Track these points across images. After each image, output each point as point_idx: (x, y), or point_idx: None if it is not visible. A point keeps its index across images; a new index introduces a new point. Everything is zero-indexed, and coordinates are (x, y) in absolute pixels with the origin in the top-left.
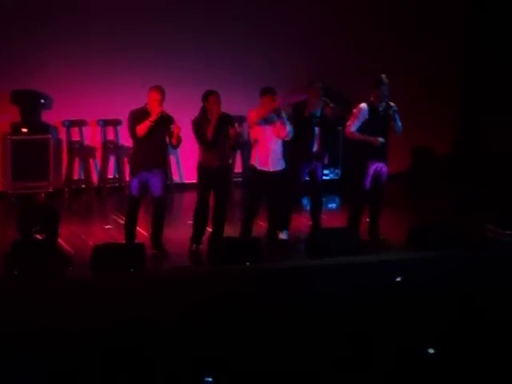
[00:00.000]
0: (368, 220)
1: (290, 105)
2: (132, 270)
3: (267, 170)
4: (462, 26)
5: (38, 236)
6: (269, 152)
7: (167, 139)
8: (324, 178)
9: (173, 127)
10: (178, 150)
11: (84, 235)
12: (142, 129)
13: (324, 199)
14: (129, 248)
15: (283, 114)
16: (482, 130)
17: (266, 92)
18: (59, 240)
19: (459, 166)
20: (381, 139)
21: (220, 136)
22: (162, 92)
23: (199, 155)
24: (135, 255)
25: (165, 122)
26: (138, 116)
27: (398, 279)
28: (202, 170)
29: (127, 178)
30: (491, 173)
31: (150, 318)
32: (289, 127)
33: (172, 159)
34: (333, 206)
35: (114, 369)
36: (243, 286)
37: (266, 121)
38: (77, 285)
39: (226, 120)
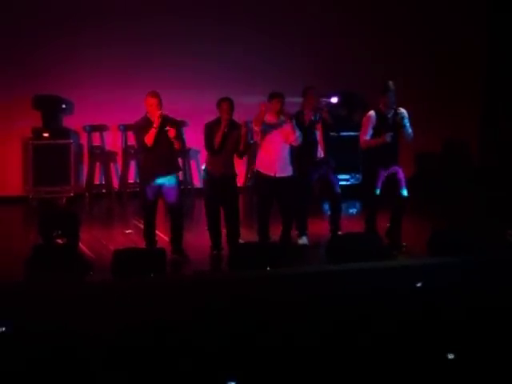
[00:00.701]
0: (388, 225)
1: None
2: (152, 274)
3: (272, 175)
4: (483, 31)
5: (59, 240)
6: (274, 157)
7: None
8: (344, 183)
9: (168, 129)
10: (199, 154)
11: (105, 240)
12: (149, 138)
13: (344, 204)
14: (149, 253)
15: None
16: (501, 133)
17: (274, 96)
18: (80, 244)
19: (478, 169)
20: (388, 135)
21: (227, 144)
22: (157, 96)
23: (205, 161)
24: (156, 260)
25: (168, 125)
26: (142, 126)
27: (419, 285)
28: (207, 176)
29: None
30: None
31: (171, 323)
32: (298, 132)
33: (193, 164)
34: (353, 211)
35: (134, 372)
36: (263, 290)
37: (274, 126)
38: (97, 289)
39: (235, 128)
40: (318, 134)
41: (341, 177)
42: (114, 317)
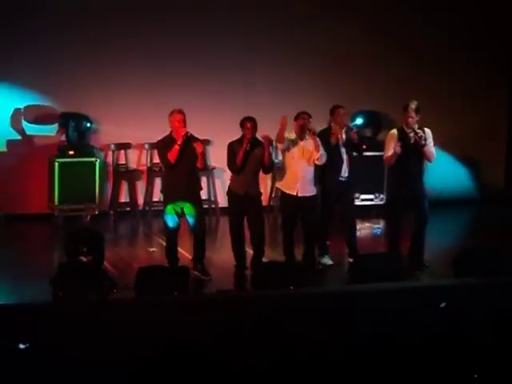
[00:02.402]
0: (409, 244)
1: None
2: (176, 293)
3: (294, 194)
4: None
5: (84, 258)
6: (297, 177)
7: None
8: (369, 203)
9: (196, 145)
10: (224, 173)
11: (129, 258)
12: (172, 155)
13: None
14: (173, 271)
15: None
16: None
17: (299, 114)
18: (104, 262)
19: (505, 190)
20: (397, 145)
21: (249, 162)
22: (183, 113)
23: (230, 180)
24: (179, 278)
25: (192, 144)
26: (166, 143)
27: (443, 305)
28: (231, 194)
29: None
30: None
31: (194, 342)
32: (322, 151)
33: (217, 182)
34: (377, 231)
35: None
36: (286, 310)
37: (297, 144)
38: (121, 307)
39: (258, 146)
40: (345, 154)
41: (365, 197)
42: (136, 335)
